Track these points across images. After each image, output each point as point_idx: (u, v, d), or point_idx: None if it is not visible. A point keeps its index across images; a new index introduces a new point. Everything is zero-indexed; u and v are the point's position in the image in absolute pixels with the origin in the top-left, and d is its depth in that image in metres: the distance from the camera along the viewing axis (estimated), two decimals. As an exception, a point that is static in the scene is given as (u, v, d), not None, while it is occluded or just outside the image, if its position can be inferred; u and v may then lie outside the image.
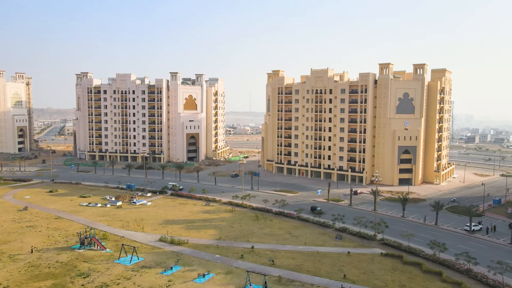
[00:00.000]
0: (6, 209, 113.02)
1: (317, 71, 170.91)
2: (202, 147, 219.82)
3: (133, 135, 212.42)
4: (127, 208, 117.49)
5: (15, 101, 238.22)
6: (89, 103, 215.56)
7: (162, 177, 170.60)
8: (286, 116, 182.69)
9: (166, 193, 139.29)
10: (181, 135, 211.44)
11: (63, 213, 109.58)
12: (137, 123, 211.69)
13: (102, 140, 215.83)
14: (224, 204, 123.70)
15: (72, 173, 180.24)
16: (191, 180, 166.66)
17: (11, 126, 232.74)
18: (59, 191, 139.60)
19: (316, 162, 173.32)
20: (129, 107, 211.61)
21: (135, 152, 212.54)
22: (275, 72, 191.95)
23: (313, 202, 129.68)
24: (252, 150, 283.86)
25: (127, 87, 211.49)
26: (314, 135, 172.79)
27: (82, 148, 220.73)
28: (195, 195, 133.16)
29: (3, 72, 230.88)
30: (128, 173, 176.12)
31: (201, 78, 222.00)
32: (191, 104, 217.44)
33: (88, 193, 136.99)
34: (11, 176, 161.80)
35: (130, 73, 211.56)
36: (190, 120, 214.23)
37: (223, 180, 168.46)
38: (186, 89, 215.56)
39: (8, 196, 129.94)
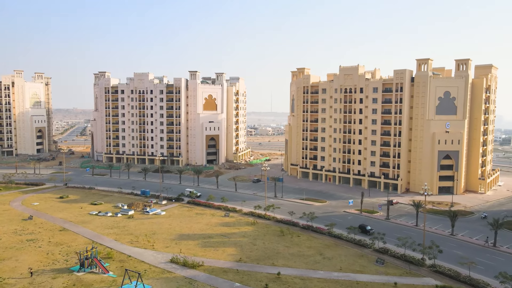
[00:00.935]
0: (11, 218, 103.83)
1: (347, 68, 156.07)
2: (222, 150, 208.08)
3: (150, 137, 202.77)
4: (139, 219, 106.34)
5: (33, 101, 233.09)
6: (106, 103, 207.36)
7: (180, 182, 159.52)
8: (312, 117, 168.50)
9: (183, 201, 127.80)
10: (200, 137, 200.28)
11: (69, 224, 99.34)
12: (155, 124, 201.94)
13: (119, 141, 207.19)
14: (245, 215, 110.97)
15: (86, 176, 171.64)
16: (210, 186, 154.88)
17: (30, 126, 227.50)
18: (70, 197, 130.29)
19: (344, 167, 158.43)
20: (147, 108, 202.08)
21: (152, 155, 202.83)
22: (300, 70, 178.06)
23: (344, 213, 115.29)
24: (274, 153, 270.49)
25: (144, 87, 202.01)
26: (343, 138, 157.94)
27: (100, 150, 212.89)
28: (214, 204, 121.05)
29: (21, 72, 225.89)
30: (144, 177, 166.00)
31: (222, 77, 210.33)
32: (211, 104, 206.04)
33: (100, 200, 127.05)
34: (24, 179, 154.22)
35: (148, 72, 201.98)
36: (210, 121, 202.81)
37: (244, 186, 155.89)
38: (205, 89, 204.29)
39: (16, 203, 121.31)
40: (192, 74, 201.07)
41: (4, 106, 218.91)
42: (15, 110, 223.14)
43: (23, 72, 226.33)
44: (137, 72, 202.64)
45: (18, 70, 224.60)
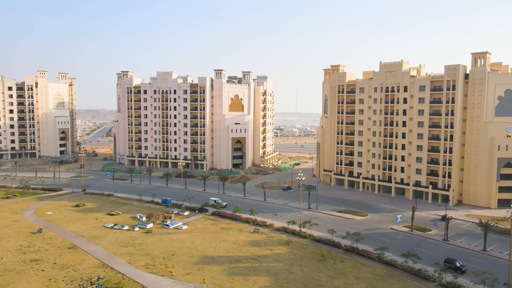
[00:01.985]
0: (19, 231, 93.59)
1: (388, 65, 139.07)
2: (248, 153, 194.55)
3: (173, 139, 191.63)
4: (158, 234, 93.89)
5: (57, 102, 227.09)
6: (129, 104, 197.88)
7: (204, 189, 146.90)
8: (348, 119, 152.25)
9: (207, 212, 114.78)
10: (226, 139, 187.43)
11: (80, 240, 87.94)
12: (178, 126, 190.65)
13: (142, 144, 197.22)
14: (277, 231, 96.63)
15: (106, 181, 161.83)
16: (237, 194, 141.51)
17: (53, 128, 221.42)
18: (86, 205, 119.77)
19: (385, 175, 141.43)
20: (170, 108, 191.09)
21: (175, 158, 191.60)
22: (334, 68, 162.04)
23: (391, 231, 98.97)
24: (303, 156, 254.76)
25: (168, 87, 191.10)
26: (383, 142, 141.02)
27: (122, 152, 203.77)
28: (241, 216, 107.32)
29: (45, 72, 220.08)
30: (166, 183, 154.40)
31: (249, 76, 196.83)
32: (237, 105, 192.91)
33: (118, 209, 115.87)
34: (42, 184, 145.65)
35: (172, 71, 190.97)
36: (236, 122, 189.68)
37: (273, 194, 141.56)
38: (232, 88, 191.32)
39: (29, 212, 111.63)
40: (218, 73, 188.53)
41: (27, 107, 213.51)
42: (39, 111, 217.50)
43: (46, 72, 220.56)
44: (160, 71, 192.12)
45: (42, 70, 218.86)
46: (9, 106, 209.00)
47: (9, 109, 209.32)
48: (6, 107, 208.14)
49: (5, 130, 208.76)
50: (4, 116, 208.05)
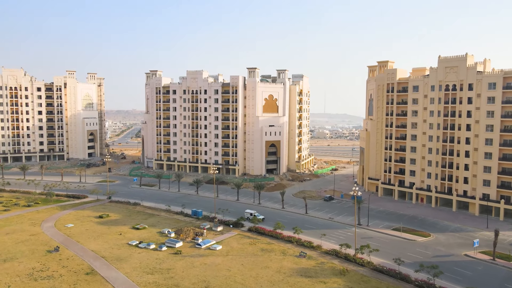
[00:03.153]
0: (35, 249, 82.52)
1: (449, 59, 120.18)
2: (283, 158, 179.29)
3: (204, 142, 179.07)
4: (188, 256, 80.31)
5: (86, 103, 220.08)
6: (157, 105, 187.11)
7: (237, 198, 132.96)
8: (399, 121, 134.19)
9: (242, 227, 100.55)
10: (260, 142, 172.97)
11: (100, 262, 75.58)
12: (209, 128, 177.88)
13: (171, 147, 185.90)
14: (327, 255, 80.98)
15: (133, 187, 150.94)
16: (273, 204, 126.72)
17: (81, 129, 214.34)
18: (110, 216, 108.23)
19: (443, 186, 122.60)
20: (200, 109, 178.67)
21: (206, 162, 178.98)
22: (381, 64, 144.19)
23: (467, 259, 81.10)
24: (339, 160, 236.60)
25: (198, 86, 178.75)
26: (442, 148, 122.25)
27: (150, 156, 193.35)
28: (283, 234, 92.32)
29: (73, 72, 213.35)
30: (196, 191, 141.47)
31: (284, 75, 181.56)
32: (271, 105, 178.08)
33: (144, 221, 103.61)
34: (66, 190, 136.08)
35: (202, 70, 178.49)
36: (270, 125, 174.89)
37: (314, 205, 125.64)
38: (266, 88, 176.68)
39: (48, 223, 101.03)
40: (251, 71, 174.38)
41: (56, 108, 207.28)
42: (67, 112, 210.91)
43: (75, 72, 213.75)
44: (190, 70, 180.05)
45: (71, 71, 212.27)
46: (38, 107, 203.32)
47: (38, 110, 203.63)
48: (35, 108, 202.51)
49: (34, 132, 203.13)
50: (33, 117, 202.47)
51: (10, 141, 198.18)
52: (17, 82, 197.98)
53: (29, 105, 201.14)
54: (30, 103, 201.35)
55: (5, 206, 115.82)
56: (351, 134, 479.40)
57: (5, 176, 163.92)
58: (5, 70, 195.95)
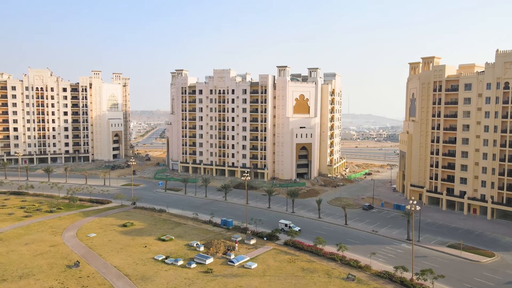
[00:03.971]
0: (53, 263, 75.08)
1: (508, 54, 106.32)
2: (315, 161, 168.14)
3: (231, 145, 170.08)
4: (220, 275, 70.94)
5: (111, 103, 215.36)
6: (183, 105, 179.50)
7: (268, 205, 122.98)
8: (447, 123, 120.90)
9: (278, 240, 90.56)
10: (290, 145, 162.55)
11: (123, 282, 67.22)
12: (237, 130, 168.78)
13: (197, 149, 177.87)
14: (379, 278, 69.90)
15: (158, 192, 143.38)
16: (308, 213, 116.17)
17: (106, 130, 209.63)
18: (135, 225, 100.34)
19: (501, 196, 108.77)
20: (228, 110, 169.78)
21: (233, 165, 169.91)
22: (426, 60, 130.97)
23: (549, 288, 68.20)
24: (371, 163, 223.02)
25: (225, 86, 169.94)
26: (500, 153, 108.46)
27: (175, 158, 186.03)
28: (324, 250, 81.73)
29: (99, 72, 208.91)
30: (225, 197, 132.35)
31: (316, 74, 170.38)
32: (302, 106, 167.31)
33: (170, 231, 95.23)
34: (90, 194, 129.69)
35: (230, 69, 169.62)
36: (301, 126, 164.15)
37: (352, 214, 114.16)
38: (297, 87, 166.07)
39: (70, 232, 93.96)
40: (281, 69, 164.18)
41: (81, 109, 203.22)
42: (92, 113, 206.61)
43: (100, 72, 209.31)
44: (217, 69, 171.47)
45: (96, 71, 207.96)
46: (63, 108, 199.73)
47: (63, 111, 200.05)
48: (60, 109, 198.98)
49: (59, 133, 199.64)
50: (58, 118, 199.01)
51: (36, 142, 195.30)
52: (43, 83, 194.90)
53: (55, 105, 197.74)
54: (56, 103, 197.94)
55: (27, 211, 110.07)
56: (379, 135, 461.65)
57: (29, 178, 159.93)
58: (31, 70, 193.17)
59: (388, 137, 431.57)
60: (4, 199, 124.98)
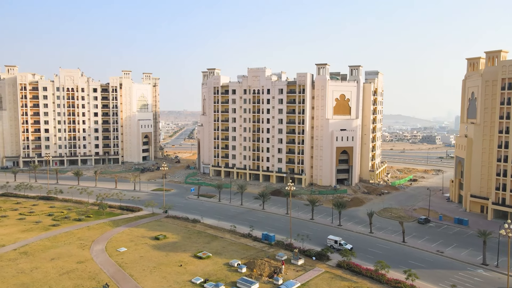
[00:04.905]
0: (79, 285, 66.31)
1: None
2: (356, 166, 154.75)
3: (266, 148, 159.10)
4: (271, 308, 59.90)
5: (141, 104, 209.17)
6: (215, 106, 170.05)
7: (311, 217, 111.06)
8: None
9: (329, 260, 78.69)
10: (329, 149, 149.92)
11: (158, 313, 57.30)
12: (272, 132, 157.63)
13: (229, 152, 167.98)
14: (465, 319, 56.78)
15: (191, 198, 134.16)
16: (356, 226, 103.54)
17: (136, 132, 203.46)
18: (168, 238, 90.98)
19: None
20: (263, 111, 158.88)
21: (268, 170, 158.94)
22: (491, 55, 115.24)
23: None
24: (413, 167, 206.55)
25: (260, 85, 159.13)
26: None
27: (206, 161, 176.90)
28: (387, 277, 69.19)
29: (129, 72, 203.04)
30: (262, 205, 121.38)
31: (357, 72, 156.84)
32: (343, 106, 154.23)
33: (207, 246, 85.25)
34: (120, 200, 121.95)
35: (265, 67, 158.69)
36: (342, 128, 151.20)
37: (407, 228, 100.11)
38: (337, 87, 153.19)
39: (99, 246, 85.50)
40: (320, 67, 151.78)
41: (111, 110, 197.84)
42: (122, 114, 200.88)
43: (131, 72, 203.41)
44: (251, 68, 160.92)
45: (126, 71, 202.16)
46: (93, 109, 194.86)
47: (93, 112, 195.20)
48: (91, 110, 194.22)
49: (90, 134, 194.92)
50: (89, 119, 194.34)
51: (66, 144, 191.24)
52: (74, 83, 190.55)
53: (85, 106, 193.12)
54: (86, 104, 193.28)
55: (55, 219, 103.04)
56: (413, 136, 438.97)
57: (59, 181, 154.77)
58: (62, 71, 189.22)
59: (424, 139, 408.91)
60: (32, 204, 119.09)
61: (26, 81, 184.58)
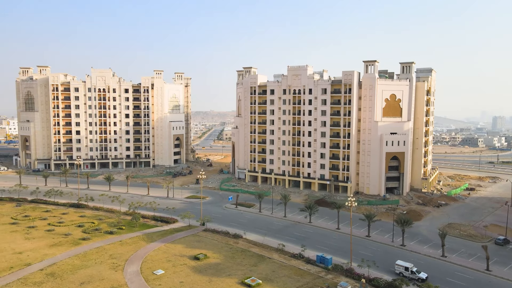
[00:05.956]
0: (113, 319, 55.61)
1: None
2: (407, 174, 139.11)
3: (307, 152, 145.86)
4: None
5: (172, 105, 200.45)
6: (252, 107, 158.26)
7: (368, 233, 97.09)
8: None
9: (403, 294, 64.93)
10: (378, 154, 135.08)
11: None
12: (314, 136, 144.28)
13: (267, 156, 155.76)
14: None
15: (228, 208, 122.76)
16: (421, 247, 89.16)
17: (168, 134, 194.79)
18: (209, 258, 79.67)
19: None
20: (304, 113, 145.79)
21: (309, 176, 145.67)
22: None
23: None
24: (465, 174, 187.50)
25: (301, 85, 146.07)
26: None
27: (241, 166, 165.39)
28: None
29: (161, 72, 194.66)
30: (309, 218, 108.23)
31: (410, 69, 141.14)
32: (393, 108, 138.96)
33: (254, 270, 73.36)
34: (153, 210, 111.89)
35: (306, 65, 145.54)
36: (392, 132, 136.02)
37: (483, 251, 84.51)
38: (387, 86, 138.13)
39: (133, 266, 75.12)
40: (369, 65, 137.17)
41: (143, 111, 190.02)
42: (154, 115, 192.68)
43: (163, 72, 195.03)
44: (291, 66, 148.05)
45: (158, 70, 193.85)
46: (125, 110, 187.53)
47: (125, 114, 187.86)
48: (122, 111, 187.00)
49: (121, 136, 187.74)
50: (120, 121, 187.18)
51: (97, 146, 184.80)
52: (106, 84, 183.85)
53: (117, 107, 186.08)
54: (118, 105, 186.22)
55: (86, 232, 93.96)
56: (452, 138, 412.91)
57: (90, 186, 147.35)
58: (94, 71, 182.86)
59: (465, 141, 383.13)
60: (62, 213, 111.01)
61: (58, 81, 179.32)
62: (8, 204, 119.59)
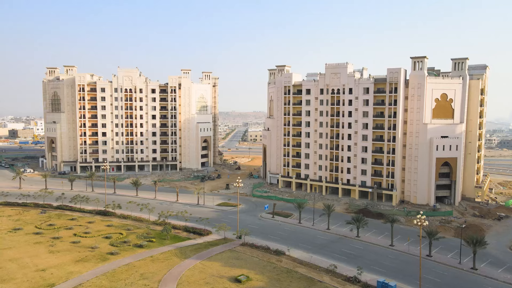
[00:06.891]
0: None
1: None
2: (459, 181, 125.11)
3: (347, 157, 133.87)
4: None
5: (200, 106, 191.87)
6: (286, 108, 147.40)
7: (429, 252, 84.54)
8: None
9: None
10: (427, 160, 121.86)
11: None
12: (354, 139, 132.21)
13: (301, 161, 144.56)
14: None
15: (265, 218, 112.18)
16: (497, 271, 76.02)
17: (195, 136, 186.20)
18: (252, 280, 69.40)
19: None
20: (343, 114, 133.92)
21: (348, 183, 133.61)
22: None
23: None
24: (507, 180, 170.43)
25: (340, 84, 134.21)
26: None
27: (274, 170, 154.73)
28: None
29: (188, 71, 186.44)
30: (357, 233, 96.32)
31: (463, 66, 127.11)
32: (444, 109, 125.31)
33: (307, 299, 62.35)
34: (184, 220, 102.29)
35: (346, 62, 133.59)
36: (443, 135, 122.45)
37: None
38: (438, 85, 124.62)
39: (167, 288, 65.65)
40: (417, 61, 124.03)
41: (169, 112, 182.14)
42: (181, 116, 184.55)
43: (190, 71, 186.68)
44: (330, 63, 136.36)
45: (185, 69, 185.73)
46: (151, 111, 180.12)
47: (151, 115, 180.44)
48: (149, 112, 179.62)
49: (147, 138, 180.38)
50: (146, 122, 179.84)
51: (124, 148, 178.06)
52: (132, 84, 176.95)
53: (143, 108, 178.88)
54: (144, 106, 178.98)
55: (113, 245, 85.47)
56: (488, 141, 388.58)
57: (117, 191, 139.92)
58: (120, 71, 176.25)
59: (503, 144, 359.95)
60: (88, 221, 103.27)
61: (85, 82, 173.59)
62: (32, 211, 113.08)
